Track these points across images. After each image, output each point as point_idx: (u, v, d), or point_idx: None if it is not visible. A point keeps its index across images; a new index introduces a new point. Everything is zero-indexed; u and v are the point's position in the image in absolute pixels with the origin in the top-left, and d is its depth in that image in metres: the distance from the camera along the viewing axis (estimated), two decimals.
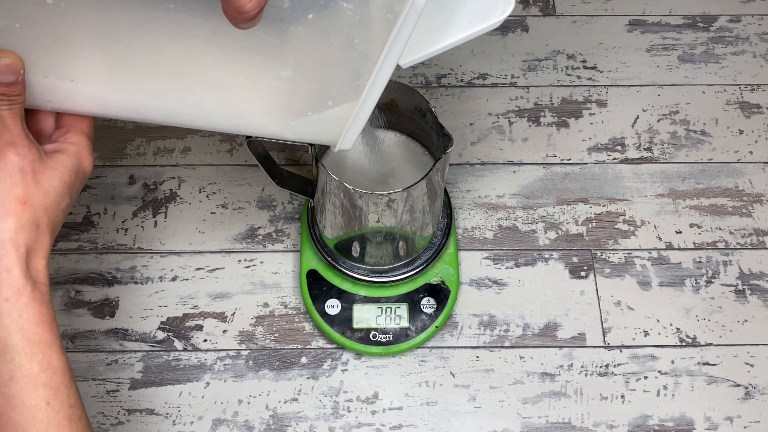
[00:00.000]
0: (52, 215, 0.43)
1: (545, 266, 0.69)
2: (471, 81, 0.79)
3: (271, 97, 0.47)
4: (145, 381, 0.64)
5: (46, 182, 0.43)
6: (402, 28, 0.41)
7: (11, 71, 0.41)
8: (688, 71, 0.80)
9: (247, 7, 0.36)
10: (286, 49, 0.43)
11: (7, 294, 0.41)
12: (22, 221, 0.42)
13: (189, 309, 0.67)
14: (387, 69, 0.44)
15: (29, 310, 0.41)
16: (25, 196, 0.42)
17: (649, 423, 0.62)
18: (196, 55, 0.44)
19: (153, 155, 0.74)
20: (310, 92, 0.46)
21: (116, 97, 0.45)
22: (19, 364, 0.41)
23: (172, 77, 0.45)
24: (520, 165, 0.74)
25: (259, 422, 0.62)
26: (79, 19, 0.41)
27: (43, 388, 0.41)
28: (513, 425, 0.62)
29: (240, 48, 0.43)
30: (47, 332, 0.42)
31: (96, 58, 0.43)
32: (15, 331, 0.41)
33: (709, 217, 0.72)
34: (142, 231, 0.70)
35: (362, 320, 0.64)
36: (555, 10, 0.84)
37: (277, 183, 0.62)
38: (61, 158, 0.44)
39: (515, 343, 0.65)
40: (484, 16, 0.49)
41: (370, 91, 0.45)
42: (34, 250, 0.42)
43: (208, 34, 0.42)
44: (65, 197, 0.44)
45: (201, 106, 0.47)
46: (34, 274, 0.42)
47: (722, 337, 0.66)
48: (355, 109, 0.46)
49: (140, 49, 0.43)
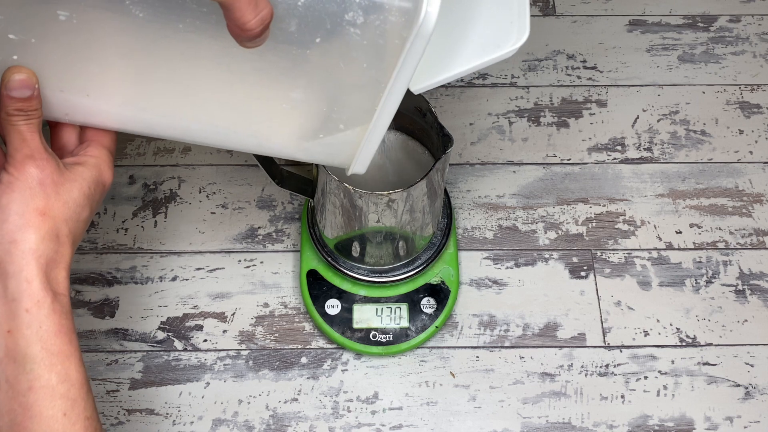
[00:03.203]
0: (72, 226, 0.44)
1: (545, 266, 0.69)
2: (471, 81, 0.79)
3: (282, 118, 0.47)
4: (145, 381, 0.64)
5: (65, 194, 0.43)
6: (410, 54, 0.41)
7: (26, 86, 0.41)
8: (688, 71, 0.80)
9: (249, 24, 0.36)
10: (295, 72, 0.44)
11: (27, 305, 0.41)
12: (42, 232, 0.42)
13: (189, 309, 0.67)
14: (397, 94, 0.44)
15: (49, 321, 0.42)
16: (44, 207, 0.42)
17: (649, 423, 0.62)
18: (207, 76, 0.44)
19: (153, 155, 0.74)
20: (321, 115, 0.47)
21: (130, 113, 0.46)
22: (37, 375, 0.41)
23: (183, 96, 0.45)
24: (520, 165, 0.74)
25: (259, 422, 0.62)
26: (91, 35, 0.41)
27: (60, 399, 0.42)
28: (513, 425, 0.62)
29: (249, 69, 0.43)
30: (66, 344, 0.42)
31: (109, 75, 0.44)
32: (34, 342, 0.41)
33: (709, 217, 0.72)
34: (142, 231, 0.70)
35: (362, 320, 0.64)
36: (555, 10, 0.84)
37: (277, 183, 0.62)
38: (81, 170, 0.45)
39: (515, 343, 0.65)
40: (498, 44, 0.49)
41: (381, 115, 0.45)
42: (55, 261, 0.43)
43: (217, 55, 0.42)
44: (85, 208, 0.45)
45: (214, 125, 0.47)
46: (54, 285, 0.43)
47: (722, 337, 0.66)
48: (366, 133, 0.46)
49: (151, 67, 0.43)
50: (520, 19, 0.49)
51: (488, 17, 0.50)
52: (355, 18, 0.40)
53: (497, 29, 0.49)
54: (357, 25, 0.40)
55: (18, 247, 0.41)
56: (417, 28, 0.39)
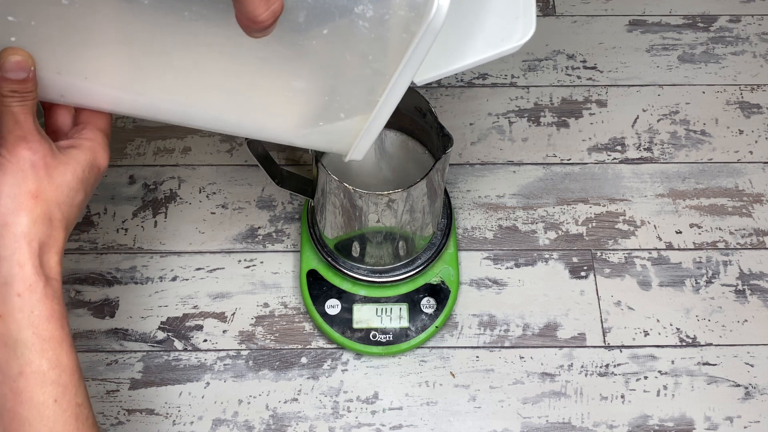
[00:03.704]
0: (66, 210, 0.43)
1: (545, 266, 0.69)
2: (471, 81, 0.79)
3: (283, 106, 0.47)
4: (145, 381, 0.64)
5: (58, 177, 0.43)
6: (418, 48, 0.41)
7: (22, 68, 0.41)
8: (688, 71, 0.80)
9: (261, 17, 0.36)
10: (300, 61, 0.43)
11: (19, 289, 0.41)
12: (34, 215, 0.41)
13: (189, 309, 0.67)
14: (401, 87, 0.44)
15: (41, 306, 0.41)
16: (37, 190, 0.42)
17: (649, 423, 0.62)
18: (210, 63, 0.44)
19: (153, 155, 0.74)
20: (322, 104, 0.46)
21: (129, 96, 0.46)
22: (28, 360, 0.41)
23: (184, 83, 0.45)
24: (520, 165, 0.74)
25: (259, 422, 0.62)
26: (93, 20, 0.41)
27: (51, 386, 0.41)
28: (513, 425, 0.62)
29: (254, 58, 0.43)
30: (58, 329, 0.42)
31: (109, 60, 0.43)
32: (26, 327, 0.41)
33: (709, 217, 0.72)
34: (142, 231, 0.70)
35: (362, 320, 0.64)
36: (555, 10, 0.84)
37: (277, 183, 0.62)
38: (75, 153, 0.44)
39: (515, 343, 0.65)
40: (503, 38, 0.48)
41: (383, 106, 0.45)
42: (47, 245, 0.42)
43: (222, 43, 0.42)
44: (79, 192, 0.44)
45: (212, 110, 0.47)
46: (46, 269, 0.42)
47: (722, 337, 0.66)
48: (367, 123, 0.46)
49: (153, 53, 0.43)
50: (526, 15, 0.49)
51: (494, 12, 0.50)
52: (365, 11, 0.39)
53: (503, 24, 0.49)
54: (366, 18, 0.40)
55: (10, 230, 0.41)
56: (427, 24, 0.39)
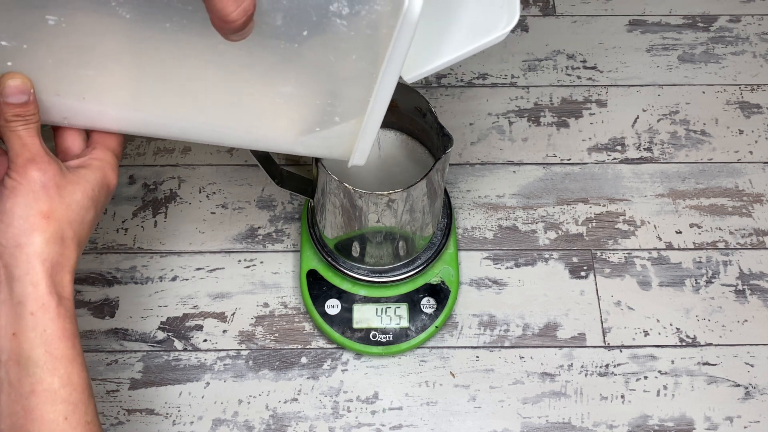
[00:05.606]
0: (77, 229, 0.44)
1: (545, 266, 0.69)
2: (471, 81, 0.79)
3: (276, 113, 0.47)
4: (145, 381, 0.64)
5: (68, 196, 0.44)
6: (398, 42, 0.41)
7: (21, 92, 0.42)
8: (688, 71, 0.80)
9: (232, 15, 0.36)
10: (285, 66, 0.43)
11: (32, 308, 0.41)
12: (46, 235, 0.42)
13: (189, 309, 0.67)
14: (389, 84, 0.44)
15: (53, 325, 0.42)
16: (48, 210, 0.43)
17: (649, 423, 0.62)
18: (198, 74, 0.44)
19: (153, 155, 0.74)
20: (315, 108, 0.46)
21: (126, 114, 0.46)
22: (40, 378, 0.41)
23: (176, 95, 0.45)
24: (520, 165, 0.74)
25: (259, 422, 0.62)
26: (81, 39, 0.41)
27: (61, 404, 0.42)
28: (513, 425, 0.62)
29: (240, 66, 0.43)
30: (69, 348, 0.43)
31: (102, 78, 0.44)
32: (38, 345, 0.41)
33: (709, 217, 0.72)
34: (142, 231, 0.70)
35: (362, 320, 0.64)
36: (555, 10, 0.84)
37: (277, 183, 0.62)
38: (84, 173, 0.45)
39: (515, 343, 0.65)
40: (488, 28, 0.48)
41: (375, 106, 0.45)
42: (60, 264, 0.43)
43: (206, 53, 0.42)
44: (89, 211, 0.45)
45: (209, 123, 0.47)
46: (59, 289, 0.43)
47: (722, 337, 0.66)
48: (363, 125, 0.46)
49: (143, 68, 0.43)
50: (509, 3, 0.49)
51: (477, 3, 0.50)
52: (341, 9, 0.39)
53: (487, 14, 0.49)
54: (343, 16, 0.40)
55: (23, 251, 0.42)
56: (402, 16, 0.39)
